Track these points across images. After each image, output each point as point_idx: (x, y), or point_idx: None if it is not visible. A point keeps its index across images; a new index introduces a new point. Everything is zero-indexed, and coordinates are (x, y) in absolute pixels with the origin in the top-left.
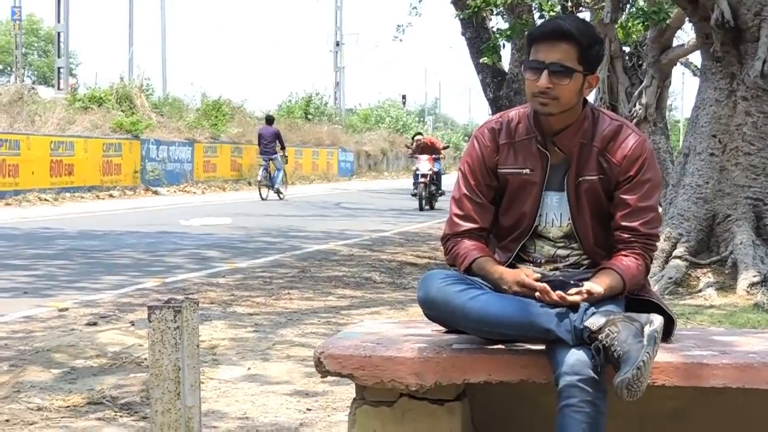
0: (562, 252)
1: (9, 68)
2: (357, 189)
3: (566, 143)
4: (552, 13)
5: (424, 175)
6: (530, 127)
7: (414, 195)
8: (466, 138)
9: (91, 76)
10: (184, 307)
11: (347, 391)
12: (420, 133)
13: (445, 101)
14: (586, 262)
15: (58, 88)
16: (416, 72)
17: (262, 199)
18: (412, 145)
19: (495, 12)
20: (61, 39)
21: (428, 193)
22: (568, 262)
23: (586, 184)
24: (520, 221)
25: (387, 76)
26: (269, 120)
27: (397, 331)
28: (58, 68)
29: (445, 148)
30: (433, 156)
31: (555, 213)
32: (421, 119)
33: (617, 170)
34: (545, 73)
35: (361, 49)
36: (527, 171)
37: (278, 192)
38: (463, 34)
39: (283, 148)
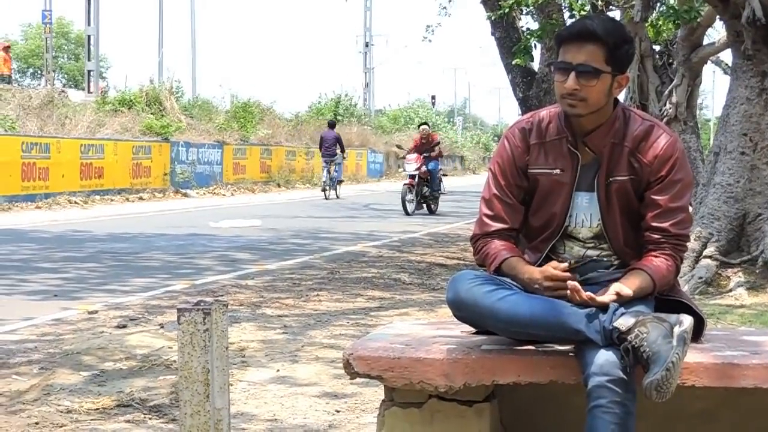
0: (591, 252)
1: (39, 72)
2: (386, 190)
3: (597, 143)
4: (582, 13)
5: (411, 176)
6: (561, 127)
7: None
8: (496, 138)
9: (121, 78)
10: (213, 310)
11: (376, 393)
12: (426, 123)
13: (474, 101)
14: (616, 262)
15: (88, 92)
16: (445, 72)
17: (326, 198)
18: (415, 143)
19: (525, 12)
20: (92, 42)
21: (420, 195)
22: (597, 262)
23: (617, 184)
24: (550, 222)
25: (416, 76)
26: (331, 124)
27: (426, 333)
28: (88, 71)
29: (436, 145)
30: (424, 154)
31: (585, 213)
32: (451, 119)
33: (648, 170)
34: (572, 74)
35: (390, 49)
36: (558, 171)
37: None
38: (493, 33)
39: (342, 150)
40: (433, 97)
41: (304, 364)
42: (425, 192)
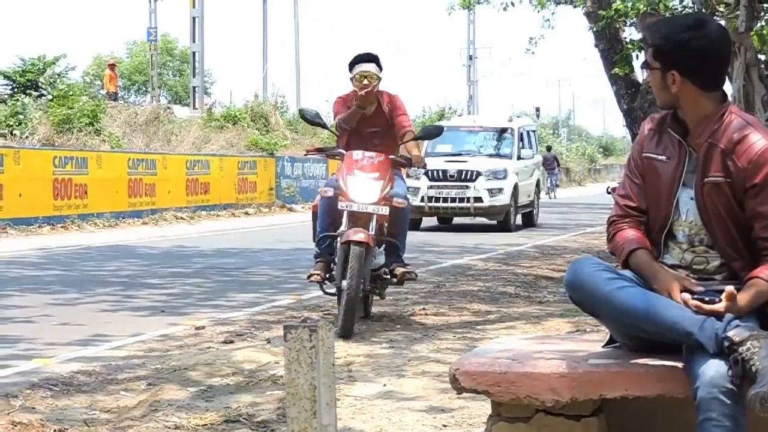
0: (688, 256)
1: (144, 88)
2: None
3: (695, 141)
4: None
5: (355, 243)
6: (673, 119)
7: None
8: (601, 150)
9: (225, 94)
10: (320, 327)
11: (483, 407)
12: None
13: (579, 113)
14: (717, 262)
15: (193, 108)
16: (549, 84)
17: (549, 198)
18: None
19: (628, 24)
20: (196, 58)
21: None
22: (703, 266)
23: (711, 185)
24: (658, 208)
25: (520, 88)
26: (549, 149)
27: (533, 347)
28: (193, 87)
29: (413, 139)
30: (379, 167)
31: (684, 208)
32: (555, 131)
33: (743, 175)
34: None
35: (494, 62)
36: (665, 158)
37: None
38: (597, 45)
39: (558, 165)
40: (538, 109)
41: (411, 379)
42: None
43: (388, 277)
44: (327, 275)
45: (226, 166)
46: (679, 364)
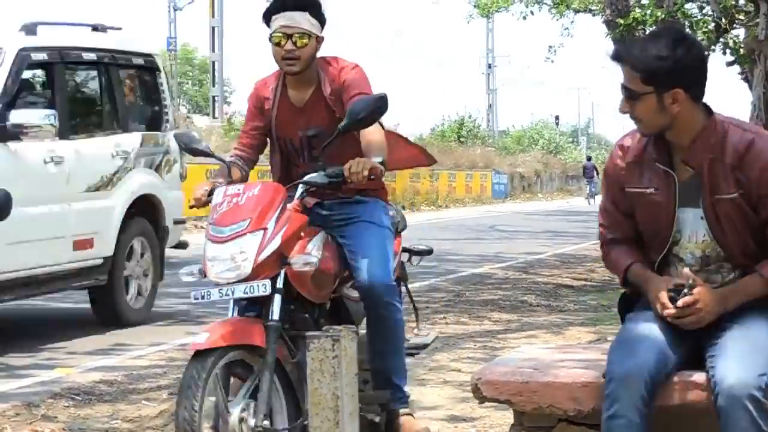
0: (709, 270)
1: None
2: (511, 211)
3: (694, 159)
4: (704, 31)
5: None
6: (654, 146)
7: None
8: None
9: (245, 103)
10: (342, 336)
11: (504, 416)
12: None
13: (598, 121)
14: (737, 277)
15: (213, 117)
16: (569, 92)
17: (589, 204)
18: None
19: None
20: (216, 68)
21: None
22: (718, 283)
23: (725, 202)
24: (656, 236)
25: (539, 96)
26: (588, 158)
27: (554, 356)
28: (213, 97)
29: (344, 131)
30: (254, 207)
31: (691, 229)
32: (575, 140)
33: (756, 185)
34: (623, 97)
35: (512, 70)
36: (652, 190)
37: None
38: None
39: (597, 173)
40: (557, 117)
41: (432, 388)
42: None
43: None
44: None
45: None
46: (701, 373)
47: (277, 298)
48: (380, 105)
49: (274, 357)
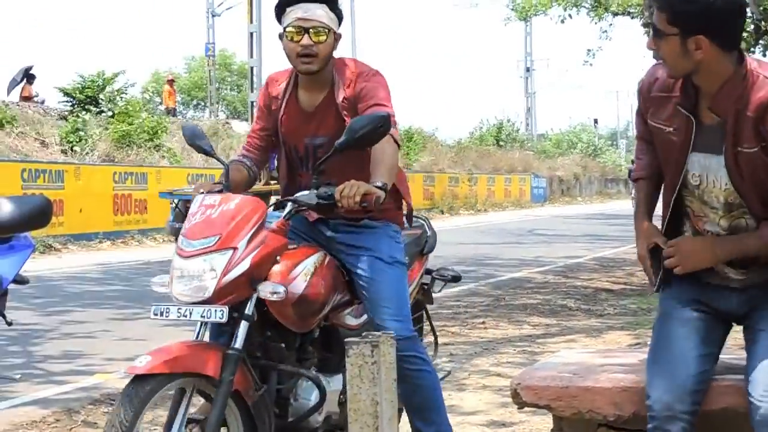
0: (733, 215)
1: (203, 104)
2: (550, 215)
3: (720, 107)
4: (743, 32)
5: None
6: (682, 87)
7: None
8: None
9: None
10: (381, 342)
11: (544, 421)
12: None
13: None
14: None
15: (251, 122)
16: (607, 95)
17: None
18: None
19: None
20: (254, 73)
21: None
22: (742, 230)
23: (746, 155)
24: (668, 173)
25: (577, 100)
26: (633, 161)
27: (594, 361)
28: (251, 102)
29: (340, 150)
30: (227, 222)
31: (715, 175)
32: (614, 143)
33: None
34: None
35: (551, 73)
36: (671, 129)
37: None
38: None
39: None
40: (596, 121)
41: (471, 393)
42: None
43: None
44: None
45: None
46: (741, 376)
47: (243, 324)
48: (381, 124)
49: (229, 389)
